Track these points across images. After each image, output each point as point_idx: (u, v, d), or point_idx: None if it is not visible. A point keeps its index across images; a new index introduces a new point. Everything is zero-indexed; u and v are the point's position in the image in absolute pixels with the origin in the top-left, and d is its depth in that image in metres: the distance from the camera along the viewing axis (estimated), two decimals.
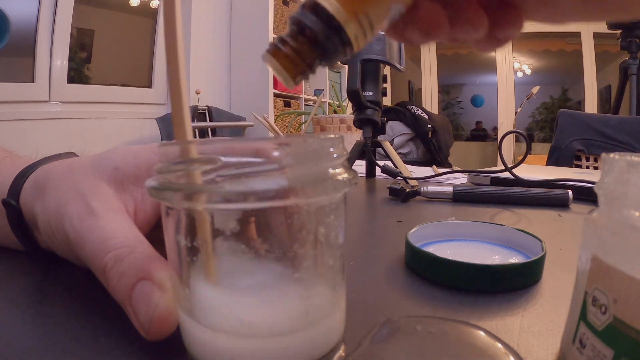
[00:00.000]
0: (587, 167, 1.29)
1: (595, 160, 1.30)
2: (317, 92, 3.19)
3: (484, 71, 4.47)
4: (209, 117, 2.48)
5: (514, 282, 0.25)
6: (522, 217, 0.46)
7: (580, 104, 3.95)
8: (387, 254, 0.32)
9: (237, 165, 0.14)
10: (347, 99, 0.76)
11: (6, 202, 0.25)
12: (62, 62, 2.00)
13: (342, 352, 0.17)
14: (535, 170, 0.74)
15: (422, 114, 2.20)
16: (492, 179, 0.64)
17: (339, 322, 0.17)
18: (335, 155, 0.16)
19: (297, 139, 0.15)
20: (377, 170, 0.74)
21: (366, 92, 0.70)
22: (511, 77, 4.21)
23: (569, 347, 0.16)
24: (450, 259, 0.25)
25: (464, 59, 4.52)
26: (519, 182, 0.59)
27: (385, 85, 0.73)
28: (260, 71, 2.68)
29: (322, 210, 0.16)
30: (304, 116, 2.53)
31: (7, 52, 1.78)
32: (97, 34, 2.20)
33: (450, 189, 0.54)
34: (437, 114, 3.24)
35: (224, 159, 0.14)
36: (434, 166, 0.89)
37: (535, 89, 3.59)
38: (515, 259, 0.29)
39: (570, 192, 0.52)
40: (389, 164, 0.71)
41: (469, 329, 0.16)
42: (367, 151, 0.72)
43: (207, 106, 2.49)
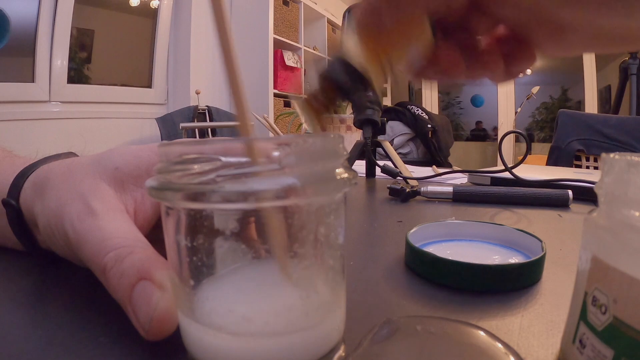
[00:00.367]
0: (587, 167, 1.30)
1: (595, 160, 1.30)
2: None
3: None
4: (209, 117, 2.48)
5: (514, 282, 0.25)
6: (522, 217, 0.46)
7: (580, 104, 3.95)
8: (387, 254, 0.32)
9: (237, 165, 0.14)
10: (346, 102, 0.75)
11: (6, 202, 0.25)
12: (62, 62, 2.00)
13: (342, 352, 0.17)
14: (535, 170, 0.74)
15: (422, 114, 2.20)
16: (492, 179, 0.64)
17: (339, 322, 0.17)
18: (335, 155, 0.16)
19: (297, 139, 0.15)
20: (377, 170, 0.74)
21: (366, 92, 0.70)
22: None
23: (569, 347, 0.16)
24: (450, 259, 0.25)
25: None
26: (519, 182, 0.59)
27: (385, 85, 0.73)
28: (260, 71, 2.68)
29: (322, 210, 0.16)
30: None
31: (7, 52, 1.78)
32: (97, 34, 2.20)
33: (450, 189, 0.54)
34: (437, 114, 3.24)
35: (224, 159, 0.14)
36: (434, 166, 0.89)
37: (535, 89, 3.59)
38: (515, 259, 0.29)
39: (570, 192, 0.52)
40: (389, 164, 0.71)
41: (469, 329, 0.16)
42: (367, 151, 0.72)
43: (207, 106, 2.49)
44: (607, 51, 0.21)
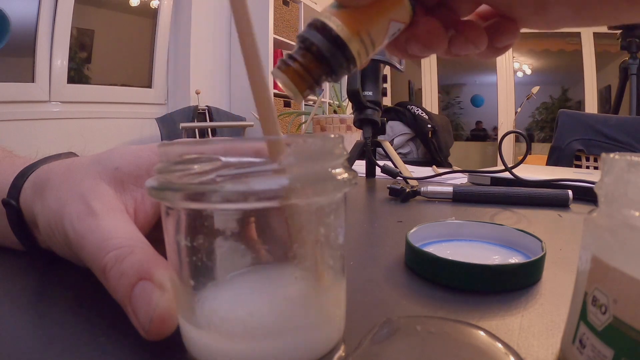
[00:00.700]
0: (587, 167, 1.30)
1: (595, 160, 1.30)
2: (317, 92, 3.20)
3: (484, 71, 4.47)
4: (209, 117, 2.48)
5: (514, 282, 0.25)
6: (522, 217, 0.46)
7: (580, 104, 3.95)
8: (387, 254, 0.32)
9: (237, 165, 0.14)
10: (347, 99, 0.76)
11: (6, 202, 0.25)
12: (62, 62, 2.00)
13: (342, 352, 0.17)
14: (535, 170, 0.74)
15: (422, 114, 2.20)
16: (492, 179, 0.64)
17: (339, 322, 0.17)
18: (335, 155, 0.16)
19: (297, 139, 0.15)
20: (377, 170, 0.74)
21: (366, 92, 0.70)
22: (511, 77, 4.21)
23: (569, 347, 0.16)
24: (450, 259, 0.25)
25: (464, 59, 4.50)
26: (519, 182, 0.59)
27: (385, 85, 0.73)
28: None
29: (322, 210, 0.16)
30: (304, 116, 2.53)
31: (7, 52, 1.78)
32: (97, 34, 2.20)
33: (450, 189, 0.54)
34: (437, 114, 3.24)
35: (224, 159, 0.14)
36: (434, 166, 0.89)
37: (535, 89, 3.59)
38: (515, 259, 0.29)
39: (570, 192, 0.52)
40: (389, 164, 0.71)
41: (469, 329, 0.16)
42: (367, 151, 0.72)
43: (207, 106, 2.49)
44: (590, 25, 0.20)
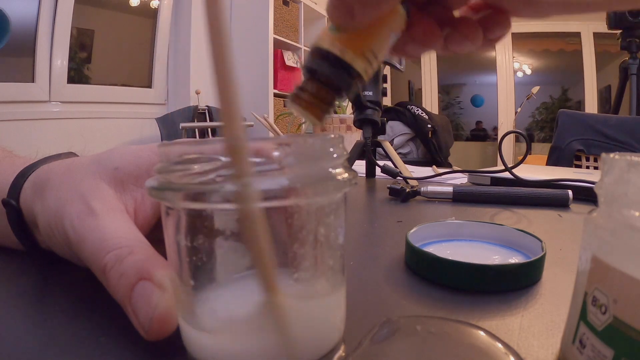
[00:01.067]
0: (587, 167, 1.29)
1: (595, 160, 1.30)
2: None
3: (484, 71, 4.46)
4: (209, 117, 2.48)
5: (514, 282, 0.25)
6: (522, 217, 0.46)
7: (580, 104, 3.95)
8: (387, 254, 0.32)
9: None
10: (347, 99, 0.76)
11: (6, 202, 0.25)
12: (62, 62, 2.00)
13: (342, 352, 0.17)
14: (535, 170, 0.74)
15: (422, 114, 2.20)
16: (492, 179, 0.64)
17: (339, 322, 0.17)
18: (335, 155, 0.16)
19: (297, 139, 0.15)
20: (377, 170, 0.74)
21: (366, 92, 0.70)
22: (511, 77, 4.21)
23: (569, 347, 0.16)
24: (450, 259, 0.25)
25: (464, 59, 4.52)
26: (519, 182, 0.59)
27: (385, 85, 0.73)
28: (260, 71, 2.68)
29: (322, 210, 0.16)
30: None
31: (7, 52, 1.77)
32: (97, 34, 2.19)
33: (450, 189, 0.54)
34: (437, 114, 3.24)
35: (224, 159, 0.14)
36: (434, 166, 0.89)
37: (535, 89, 3.59)
38: (515, 259, 0.29)
39: (570, 192, 0.52)
40: (389, 164, 0.71)
41: (469, 329, 0.16)
42: (367, 151, 0.72)
43: (207, 106, 2.49)
44: (581, 12, 0.21)
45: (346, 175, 0.16)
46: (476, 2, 0.23)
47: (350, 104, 0.74)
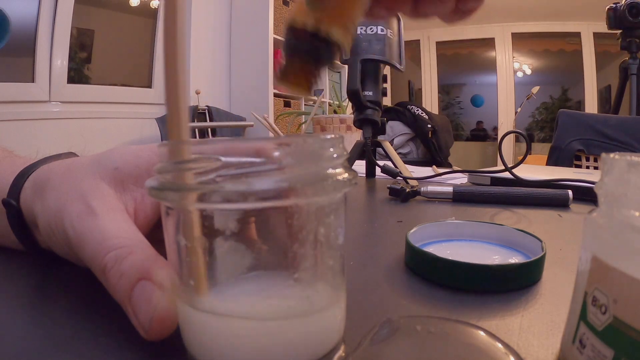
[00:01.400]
0: (587, 167, 1.30)
1: (595, 160, 1.30)
2: (317, 92, 3.19)
3: (484, 71, 4.47)
4: (209, 117, 2.48)
5: (514, 282, 0.25)
6: (522, 217, 0.46)
7: (580, 104, 3.95)
8: (387, 254, 0.32)
9: (237, 165, 0.14)
10: (347, 99, 0.76)
11: (6, 202, 0.25)
12: (62, 62, 2.00)
13: (342, 352, 0.17)
14: (535, 170, 0.74)
15: (422, 114, 2.20)
16: (492, 179, 0.64)
17: (339, 322, 0.17)
18: (335, 155, 0.16)
19: (297, 139, 0.15)
20: (377, 170, 0.74)
21: (366, 92, 0.70)
22: (511, 77, 4.21)
23: (569, 347, 0.16)
24: (450, 259, 0.25)
25: (464, 59, 4.52)
26: (519, 182, 0.59)
27: (385, 85, 0.73)
28: (260, 71, 2.68)
29: (322, 210, 0.16)
30: (304, 116, 2.53)
31: (7, 52, 1.77)
32: (97, 34, 2.19)
33: (450, 189, 0.54)
34: (437, 114, 3.24)
35: (224, 159, 0.14)
36: (434, 166, 0.89)
37: (535, 89, 3.59)
38: (515, 259, 0.29)
39: (570, 192, 0.52)
40: (389, 164, 0.71)
41: (469, 329, 0.16)
42: (367, 151, 0.72)
43: (207, 106, 2.49)
44: None
45: (346, 175, 0.16)
46: None
47: (350, 104, 0.74)
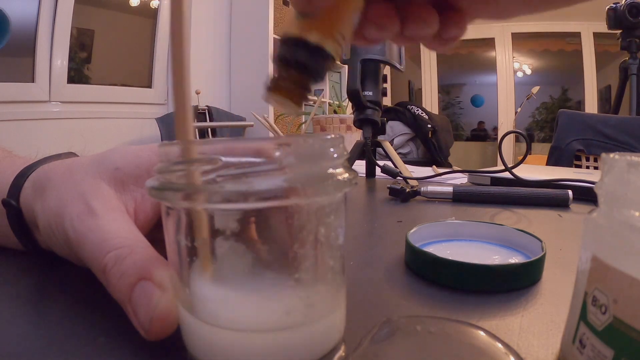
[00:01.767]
0: (587, 167, 1.30)
1: (595, 160, 1.30)
2: (317, 92, 3.19)
3: (484, 71, 4.47)
4: (209, 117, 2.48)
5: (514, 282, 0.25)
6: (522, 217, 0.46)
7: (580, 104, 3.95)
8: (387, 254, 0.32)
9: (237, 165, 0.14)
10: (347, 99, 0.76)
11: (6, 202, 0.25)
12: (62, 62, 1.99)
13: (342, 352, 0.17)
14: (535, 170, 0.74)
15: (422, 114, 2.20)
16: (492, 179, 0.64)
17: (339, 322, 0.17)
18: (335, 155, 0.16)
19: (297, 139, 0.15)
20: (377, 170, 0.74)
21: (366, 92, 0.70)
22: (511, 77, 4.21)
23: (569, 347, 0.16)
24: (450, 259, 0.25)
25: (464, 59, 4.52)
26: (519, 182, 0.59)
27: (385, 85, 0.73)
28: (260, 71, 2.68)
29: (322, 210, 0.16)
30: (304, 116, 2.53)
31: (7, 52, 1.77)
32: (97, 34, 2.19)
33: (450, 189, 0.54)
34: (437, 114, 3.24)
35: (224, 159, 0.14)
36: (434, 166, 0.89)
37: (535, 89, 3.59)
38: (515, 259, 0.29)
39: (570, 192, 0.52)
40: (389, 164, 0.71)
41: (469, 329, 0.16)
42: (367, 151, 0.72)
43: (207, 106, 2.49)
44: (542, 10, 0.20)
45: (346, 175, 0.16)
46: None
47: (350, 104, 0.74)
